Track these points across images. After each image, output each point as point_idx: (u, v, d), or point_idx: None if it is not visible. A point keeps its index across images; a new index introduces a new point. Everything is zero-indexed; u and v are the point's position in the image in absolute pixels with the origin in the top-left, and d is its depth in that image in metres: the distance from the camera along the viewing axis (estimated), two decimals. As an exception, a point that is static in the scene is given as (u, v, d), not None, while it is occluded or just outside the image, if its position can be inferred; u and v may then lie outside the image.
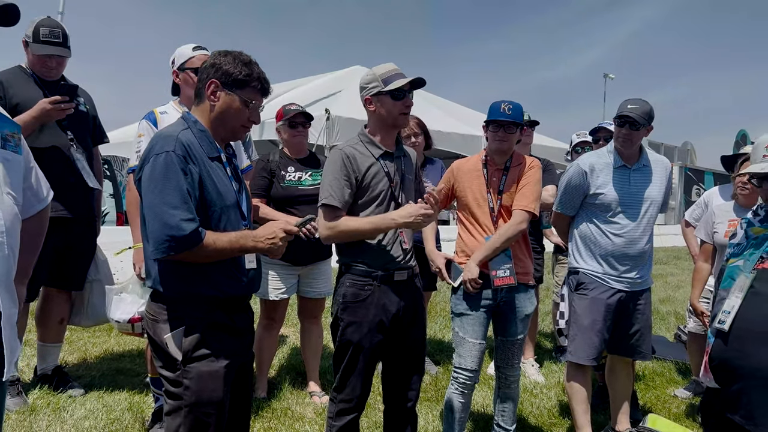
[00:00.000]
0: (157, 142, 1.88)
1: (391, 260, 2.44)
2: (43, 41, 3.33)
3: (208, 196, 1.90)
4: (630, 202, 3.03)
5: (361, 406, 2.51)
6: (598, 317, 3.02)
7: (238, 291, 1.98)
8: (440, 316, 6.12)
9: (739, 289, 2.14)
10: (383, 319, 2.42)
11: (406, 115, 2.48)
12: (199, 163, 1.88)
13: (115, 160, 11.47)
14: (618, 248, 3.03)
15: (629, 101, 3.01)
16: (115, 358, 4.44)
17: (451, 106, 11.37)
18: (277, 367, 4.32)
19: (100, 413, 3.30)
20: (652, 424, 2.95)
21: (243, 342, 2.05)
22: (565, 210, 3.23)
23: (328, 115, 8.25)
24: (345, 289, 2.45)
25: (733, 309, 2.11)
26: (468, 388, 2.87)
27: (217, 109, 1.96)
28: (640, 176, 3.07)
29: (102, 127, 3.85)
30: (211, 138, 1.98)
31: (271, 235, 1.93)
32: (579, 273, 3.13)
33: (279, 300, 3.67)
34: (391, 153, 2.51)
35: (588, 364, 3.06)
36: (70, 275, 3.59)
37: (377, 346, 2.45)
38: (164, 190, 1.81)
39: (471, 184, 2.92)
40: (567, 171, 3.23)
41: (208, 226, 1.89)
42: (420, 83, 2.47)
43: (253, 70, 1.96)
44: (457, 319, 2.88)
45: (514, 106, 2.84)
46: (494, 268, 2.80)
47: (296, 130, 3.66)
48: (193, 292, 1.90)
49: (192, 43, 3.10)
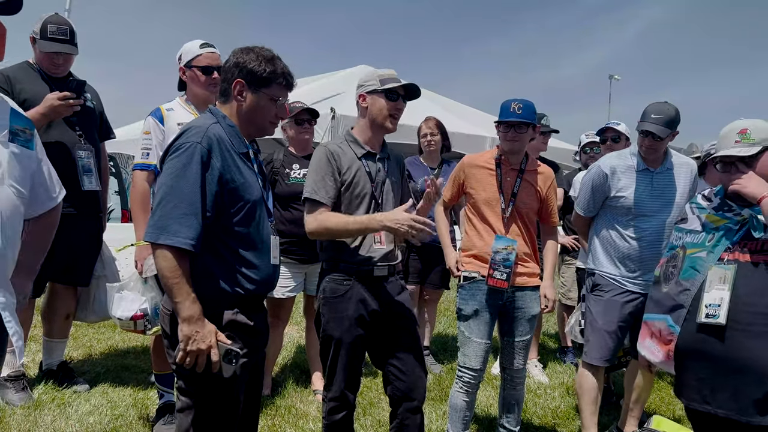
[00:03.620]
0: (187, 131, 1.88)
1: (368, 257, 2.46)
2: (50, 38, 3.34)
3: (233, 190, 1.89)
4: (651, 206, 2.98)
5: (350, 403, 2.51)
6: (612, 319, 3.00)
7: (258, 287, 1.96)
8: (444, 316, 6.12)
9: (720, 281, 2.11)
10: (363, 314, 2.44)
11: (395, 119, 2.49)
12: (225, 158, 1.88)
13: (120, 157, 11.48)
14: (636, 252, 2.99)
15: (653, 109, 2.93)
16: (120, 354, 4.46)
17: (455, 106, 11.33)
18: (281, 365, 4.32)
19: (105, 409, 3.31)
20: (657, 426, 2.93)
21: (258, 342, 2.04)
22: (586, 211, 3.20)
23: (333, 113, 8.25)
24: (324, 284, 2.50)
25: (723, 302, 2.08)
26: (472, 387, 2.87)
27: (246, 108, 1.97)
28: (664, 180, 3.02)
29: (108, 123, 3.86)
30: (240, 134, 1.98)
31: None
32: (595, 275, 3.12)
33: (285, 298, 3.67)
34: (374, 154, 2.52)
35: (601, 365, 3.05)
36: (76, 271, 3.60)
37: (358, 341, 2.46)
38: (179, 182, 1.80)
39: (483, 182, 2.89)
40: (589, 172, 3.21)
41: (232, 219, 1.89)
42: (414, 90, 2.50)
43: (276, 66, 1.96)
44: (463, 318, 2.88)
45: (525, 104, 2.80)
46: (493, 267, 2.79)
47: (302, 127, 3.67)
48: (215, 289, 1.88)
49: (199, 40, 3.09)
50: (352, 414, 2.58)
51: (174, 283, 1.79)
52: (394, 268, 2.55)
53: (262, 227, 1.98)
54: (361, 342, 2.48)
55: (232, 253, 1.91)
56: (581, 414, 3.12)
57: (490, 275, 2.79)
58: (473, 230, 2.92)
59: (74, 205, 3.47)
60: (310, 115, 3.69)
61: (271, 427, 3.25)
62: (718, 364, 2.10)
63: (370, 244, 2.46)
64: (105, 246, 3.75)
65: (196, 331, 1.79)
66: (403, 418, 2.52)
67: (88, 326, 4.88)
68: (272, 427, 3.26)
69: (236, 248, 1.91)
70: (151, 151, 2.99)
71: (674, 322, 2.24)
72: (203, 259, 1.86)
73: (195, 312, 1.79)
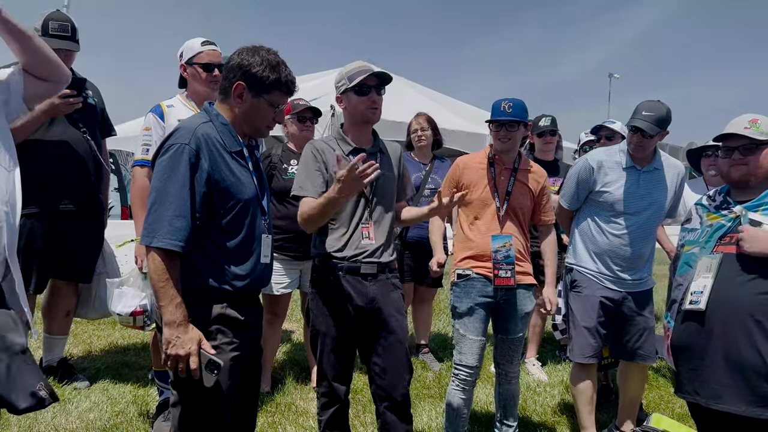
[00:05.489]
0: (176, 131, 1.90)
1: (356, 253, 2.46)
2: (52, 35, 3.34)
3: (223, 189, 1.90)
4: (635, 204, 2.99)
5: (340, 398, 2.52)
6: (591, 315, 3.02)
7: (247, 284, 1.97)
8: (444, 314, 6.12)
9: (705, 270, 2.14)
10: (349, 310, 2.45)
11: (375, 110, 2.49)
12: (215, 157, 1.89)
13: (119, 154, 11.48)
14: (614, 248, 3.00)
15: (644, 106, 2.93)
16: (120, 351, 4.46)
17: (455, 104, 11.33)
18: (281, 362, 4.33)
19: (105, 405, 3.32)
20: (656, 424, 2.94)
21: (250, 337, 2.04)
22: (569, 204, 3.21)
23: (333, 111, 8.25)
24: (312, 278, 2.53)
25: (705, 289, 2.12)
26: (469, 385, 2.88)
27: (243, 110, 1.97)
28: (650, 179, 3.03)
29: (110, 120, 3.87)
30: (234, 132, 1.98)
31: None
32: (574, 271, 3.13)
33: (281, 294, 3.68)
34: (362, 149, 2.51)
35: (587, 363, 3.05)
36: (77, 268, 3.60)
37: (344, 336, 2.47)
38: (168, 184, 1.83)
39: (477, 182, 2.91)
40: (576, 164, 3.22)
41: (223, 218, 1.91)
42: (383, 77, 2.48)
43: (281, 74, 1.95)
44: (457, 316, 2.89)
45: (515, 103, 2.82)
46: (497, 267, 2.80)
47: (304, 124, 3.69)
48: (203, 284, 1.90)
49: (200, 38, 3.09)
50: (346, 409, 2.58)
51: (160, 287, 1.82)
52: (386, 267, 2.53)
53: (255, 225, 1.99)
54: (349, 337, 2.48)
55: (221, 250, 1.92)
56: (578, 414, 3.12)
57: (496, 275, 2.80)
58: (468, 229, 2.92)
59: (76, 203, 3.48)
60: (312, 113, 3.70)
61: (271, 424, 3.26)
62: (703, 354, 2.13)
63: (358, 239, 2.46)
64: (106, 243, 3.76)
65: (176, 336, 1.80)
66: (384, 416, 2.52)
67: (88, 323, 4.88)
68: (272, 424, 3.26)
69: (226, 245, 1.92)
70: (151, 147, 2.99)
71: (671, 317, 2.28)
72: (192, 254, 1.88)
73: (177, 317, 1.81)
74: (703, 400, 2.14)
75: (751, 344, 2.02)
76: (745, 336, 2.04)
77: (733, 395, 2.06)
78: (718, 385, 2.09)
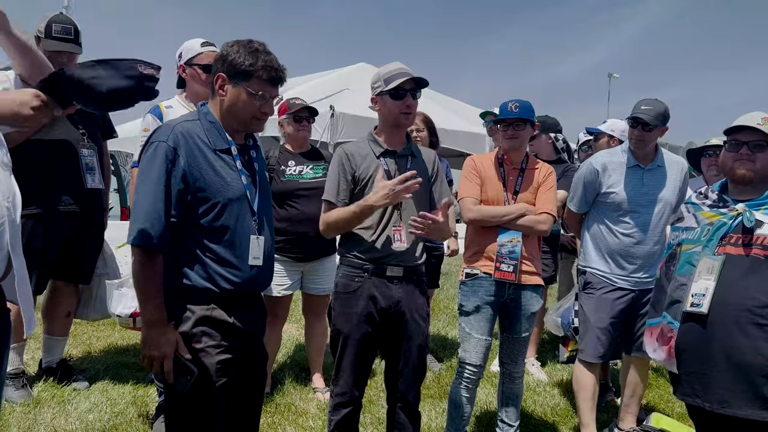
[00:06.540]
0: (158, 129, 1.91)
1: (383, 255, 2.46)
2: (55, 37, 3.34)
3: (203, 188, 1.86)
4: (641, 202, 3.03)
5: (356, 400, 2.53)
6: (604, 316, 3.04)
7: (235, 286, 1.91)
8: (443, 314, 6.12)
9: (707, 271, 2.11)
10: (372, 312, 2.45)
11: (408, 115, 2.49)
12: (194, 155, 1.85)
13: (119, 155, 11.48)
14: (625, 247, 3.04)
15: (643, 102, 2.99)
16: (120, 352, 4.46)
17: (455, 104, 11.33)
18: (281, 363, 4.33)
19: (105, 406, 3.32)
20: (656, 423, 2.95)
21: (245, 340, 1.98)
22: (578, 208, 3.26)
23: (332, 111, 8.24)
24: (338, 279, 2.54)
25: (707, 291, 2.08)
26: (472, 383, 2.89)
27: (226, 102, 1.92)
28: (654, 177, 3.06)
29: (111, 122, 3.88)
30: (222, 130, 1.94)
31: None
32: (587, 273, 3.15)
33: (282, 296, 3.67)
34: (394, 151, 2.52)
35: (596, 362, 3.08)
36: (78, 269, 3.60)
37: (366, 338, 2.47)
38: (144, 182, 1.83)
39: (489, 181, 2.95)
40: (581, 168, 3.27)
41: (203, 217, 1.87)
42: (421, 82, 2.47)
43: (257, 59, 1.86)
44: (464, 314, 2.90)
45: (522, 104, 2.88)
46: (499, 260, 2.82)
47: (300, 124, 3.65)
48: (188, 284, 1.87)
49: (199, 39, 3.10)
50: (358, 411, 2.59)
51: (140, 287, 1.82)
52: (414, 270, 2.52)
53: (241, 226, 1.92)
54: (370, 340, 2.48)
55: (203, 250, 1.88)
56: (579, 411, 3.13)
57: (497, 268, 2.82)
58: (479, 229, 2.93)
59: (77, 203, 3.48)
60: (308, 112, 3.68)
61: (271, 425, 3.26)
62: (706, 357, 2.10)
63: (387, 242, 2.46)
64: (106, 244, 3.76)
65: (152, 336, 1.80)
66: (398, 416, 2.55)
67: (88, 324, 4.88)
68: (272, 425, 3.26)
69: (208, 245, 1.88)
70: None
71: (673, 318, 2.24)
72: (177, 254, 1.86)
73: (155, 317, 1.81)
74: (708, 405, 2.10)
75: (755, 347, 2.00)
76: (749, 339, 2.01)
77: (738, 399, 2.03)
78: (722, 389, 2.06)
